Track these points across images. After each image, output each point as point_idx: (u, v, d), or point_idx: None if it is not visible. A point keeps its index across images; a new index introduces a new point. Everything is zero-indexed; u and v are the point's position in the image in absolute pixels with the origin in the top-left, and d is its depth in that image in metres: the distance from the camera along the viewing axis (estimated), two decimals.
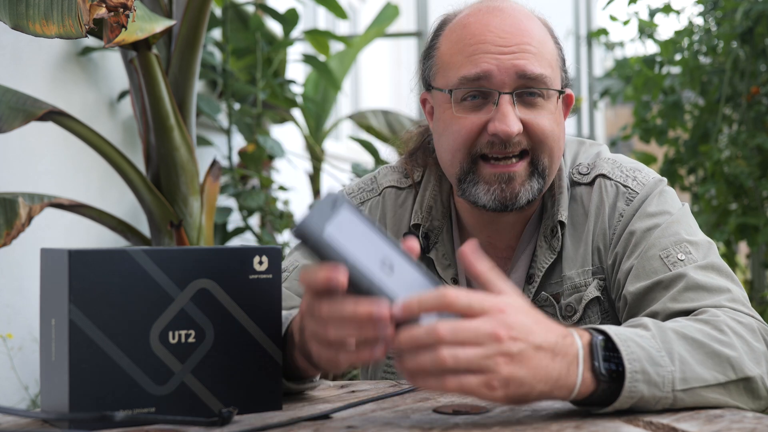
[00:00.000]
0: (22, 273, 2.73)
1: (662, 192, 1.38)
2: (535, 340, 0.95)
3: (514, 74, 1.31)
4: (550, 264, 1.38)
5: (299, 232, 0.94)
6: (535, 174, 1.34)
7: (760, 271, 3.91)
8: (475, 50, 1.33)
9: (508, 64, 1.31)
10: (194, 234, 2.61)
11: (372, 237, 0.98)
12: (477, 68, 1.32)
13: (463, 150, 1.34)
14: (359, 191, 1.52)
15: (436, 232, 1.45)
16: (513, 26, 1.34)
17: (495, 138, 1.32)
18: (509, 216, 1.40)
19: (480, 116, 1.33)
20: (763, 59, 3.63)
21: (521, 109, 1.33)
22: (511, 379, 0.94)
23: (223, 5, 3.58)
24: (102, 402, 0.99)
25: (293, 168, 4.56)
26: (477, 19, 1.36)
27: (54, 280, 1.01)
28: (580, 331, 1.02)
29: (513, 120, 1.31)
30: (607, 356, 1.00)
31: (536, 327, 0.96)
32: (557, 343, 0.97)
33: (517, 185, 1.34)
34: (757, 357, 1.11)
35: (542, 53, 1.34)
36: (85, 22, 1.66)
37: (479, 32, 1.34)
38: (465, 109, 1.34)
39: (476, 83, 1.32)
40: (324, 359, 1.00)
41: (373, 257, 0.97)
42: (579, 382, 0.98)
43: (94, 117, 3.10)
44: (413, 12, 5.05)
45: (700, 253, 1.28)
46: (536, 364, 0.95)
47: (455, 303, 0.93)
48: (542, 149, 1.34)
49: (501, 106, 1.31)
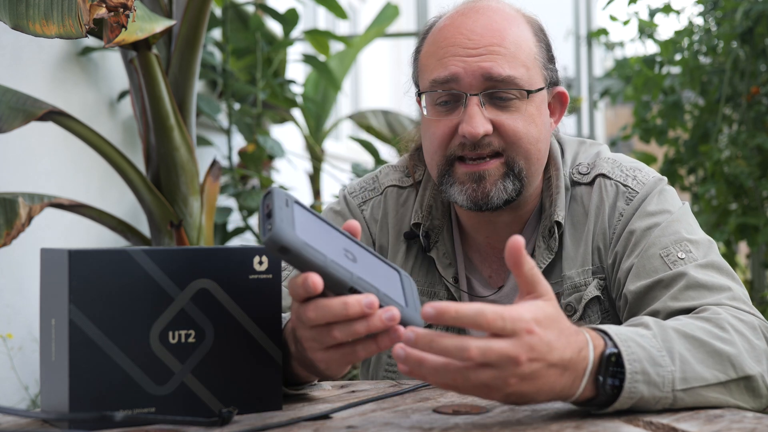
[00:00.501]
0: (22, 273, 2.73)
1: (662, 191, 1.38)
2: (553, 358, 0.95)
3: (480, 76, 1.32)
4: (548, 264, 1.38)
5: (279, 243, 0.91)
6: (510, 175, 1.34)
7: (760, 271, 3.91)
8: (444, 53, 1.34)
9: (475, 66, 1.32)
10: (194, 234, 2.61)
11: (326, 229, 0.99)
12: (446, 71, 1.33)
13: (439, 152, 1.36)
14: (361, 190, 1.52)
15: (436, 231, 1.45)
16: (484, 27, 1.34)
17: (464, 140, 1.32)
18: (504, 216, 1.40)
19: (451, 119, 1.34)
20: (763, 59, 3.63)
21: (492, 110, 1.33)
22: (513, 393, 0.94)
23: (223, 5, 3.58)
24: (102, 402, 0.99)
25: (293, 168, 4.56)
26: (452, 22, 1.37)
27: (54, 280, 1.01)
28: (596, 340, 1.00)
29: (479, 121, 1.31)
30: (613, 372, 1.00)
31: (557, 343, 0.95)
32: (571, 360, 0.97)
33: (488, 184, 1.34)
34: (758, 355, 1.11)
35: (515, 54, 1.34)
36: (85, 22, 1.66)
37: (451, 35, 1.35)
38: (438, 112, 1.36)
39: (446, 86, 1.34)
40: (333, 362, 1.00)
41: (338, 249, 0.97)
42: (580, 392, 0.99)
43: (94, 117, 3.10)
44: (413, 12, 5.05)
45: (700, 251, 1.28)
46: (544, 381, 0.95)
47: (492, 324, 0.92)
48: (516, 150, 1.34)
49: (468, 107, 1.32)
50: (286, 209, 0.94)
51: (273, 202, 0.94)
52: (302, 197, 4.66)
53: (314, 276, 0.94)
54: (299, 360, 1.08)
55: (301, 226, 0.94)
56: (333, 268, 0.94)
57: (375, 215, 1.49)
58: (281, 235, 0.91)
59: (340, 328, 0.96)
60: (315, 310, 0.96)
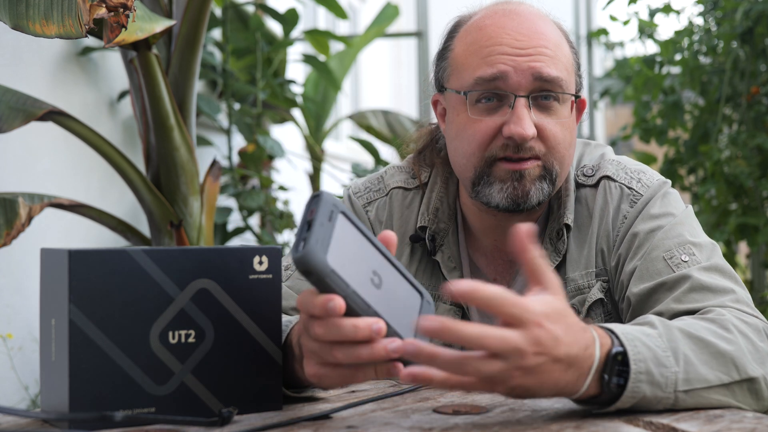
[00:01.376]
0: (22, 273, 2.73)
1: (666, 194, 1.38)
2: (558, 353, 0.94)
3: (530, 76, 1.31)
4: (554, 267, 1.38)
5: (306, 266, 0.91)
6: (547, 177, 1.34)
7: (760, 271, 3.91)
8: (491, 51, 1.33)
9: (525, 66, 1.31)
10: (194, 234, 2.61)
11: (363, 247, 0.97)
12: (493, 69, 1.32)
13: (478, 153, 1.34)
14: (366, 191, 1.51)
15: (441, 234, 1.45)
16: (529, 29, 1.33)
17: (510, 141, 1.31)
18: (516, 219, 1.40)
19: (495, 119, 1.33)
20: (763, 59, 3.63)
21: (536, 113, 1.32)
22: (517, 386, 0.94)
23: (223, 5, 3.58)
24: (102, 402, 0.99)
25: (293, 168, 4.56)
26: (493, 21, 1.35)
27: (54, 280, 1.01)
28: (603, 338, 1.00)
29: (528, 123, 1.31)
30: (619, 371, 1.00)
31: (565, 338, 0.95)
32: (577, 356, 0.96)
33: (527, 183, 1.33)
34: (761, 357, 1.11)
35: (558, 56, 1.34)
36: (85, 22, 1.66)
37: (495, 34, 1.34)
38: (479, 111, 1.34)
39: (492, 84, 1.32)
40: (326, 378, 0.99)
41: (366, 272, 0.96)
42: (584, 389, 0.99)
43: (94, 117, 3.10)
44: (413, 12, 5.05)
45: (703, 254, 1.28)
46: (548, 376, 0.95)
47: (503, 307, 0.92)
48: (554, 156, 1.34)
49: (516, 108, 1.31)
50: (328, 224, 0.93)
51: (317, 212, 0.93)
52: (302, 197, 4.66)
53: (340, 301, 0.93)
54: (302, 363, 1.08)
55: (335, 247, 0.93)
56: (352, 299, 0.94)
57: (380, 216, 1.48)
58: (310, 258, 0.90)
59: (343, 350, 0.95)
60: (324, 327, 0.95)
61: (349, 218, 0.97)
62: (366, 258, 0.98)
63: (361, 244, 0.98)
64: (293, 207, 3.88)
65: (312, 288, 0.96)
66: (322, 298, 0.93)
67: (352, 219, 0.97)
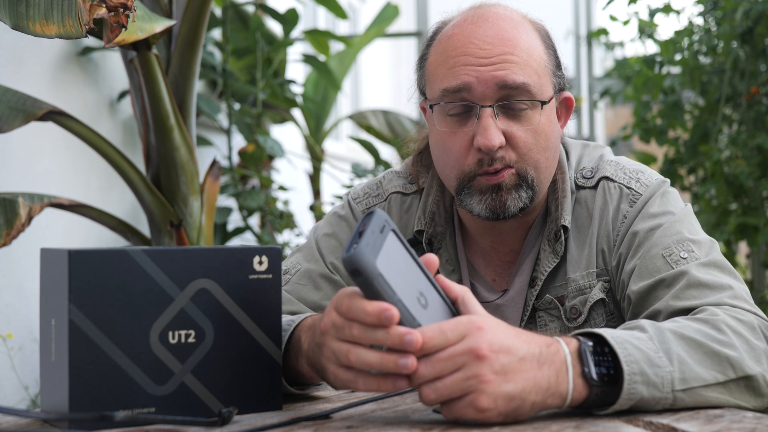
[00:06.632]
0: (22, 273, 2.73)
1: (665, 193, 1.38)
2: (519, 351, 0.96)
3: (494, 85, 1.31)
4: (553, 267, 1.39)
5: (355, 265, 0.91)
6: (524, 185, 1.34)
7: (760, 271, 3.91)
8: (455, 62, 1.33)
9: (488, 75, 1.31)
10: (194, 234, 2.61)
11: (410, 266, 0.97)
12: (457, 81, 1.32)
13: (457, 167, 1.35)
14: (365, 196, 1.52)
15: (439, 237, 1.45)
16: (496, 36, 1.33)
17: (481, 153, 1.32)
18: (512, 221, 1.40)
19: (466, 131, 1.33)
20: (763, 59, 3.63)
21: (505, 120, 1.32)
22: (499, 395, 0.95)
23: (223, 5, 3.58)
24: (102, 402, 0.99)
25: (293, 168, 4.56)
26: (461, 30, 1.35)
27: (54, 280, 1.01)
28: (566, 338, 1.02)
29: (494, 133, 1.30)
30: (597, 361, 1.01)
31: (518, 340, 0.98)
32: (541, 353, 0.98)
33: (504, 194, 1.33)
34: (757, 355, 1.11)
35: (527, 62, 1.33)
36: (85, 22, 1.66)
37: (461, 44, 1.33)
38: (450, 123, 1.34)
39: (457, 96, 1.32)
40: (341, 380, 1.00)
41: (413, 291, 0.96)
42: (571, 388, 0.99)
43: (94, 117, 3.10)
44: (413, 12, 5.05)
45: (702, 251, 1.29)
46: (523, 375, 0.96)
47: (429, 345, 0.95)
48: (527, 162, 1.33)
49: (482, 119, 1.31)
50: (379, 235, 0.94)
51: (369, 224, 0.93)
52: (302, 197, 4.66)
53: (395, 311, 0.93)
54: (311, 361, 1.08)
55: (384, 256, 0.93)
56: (398, 308, 0.93)
57: None
58: (360, 258, 0.90)
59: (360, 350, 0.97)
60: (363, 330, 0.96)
61: (398, 236, 0.97)
62: (413, 277, 0.97)
63: (409, 263, 0.98)
64: (293, 207, 3.88)
65: (354, 288, 0.96)
66: (376, 306, 0.93)
67: (402, 238, 0.98)
